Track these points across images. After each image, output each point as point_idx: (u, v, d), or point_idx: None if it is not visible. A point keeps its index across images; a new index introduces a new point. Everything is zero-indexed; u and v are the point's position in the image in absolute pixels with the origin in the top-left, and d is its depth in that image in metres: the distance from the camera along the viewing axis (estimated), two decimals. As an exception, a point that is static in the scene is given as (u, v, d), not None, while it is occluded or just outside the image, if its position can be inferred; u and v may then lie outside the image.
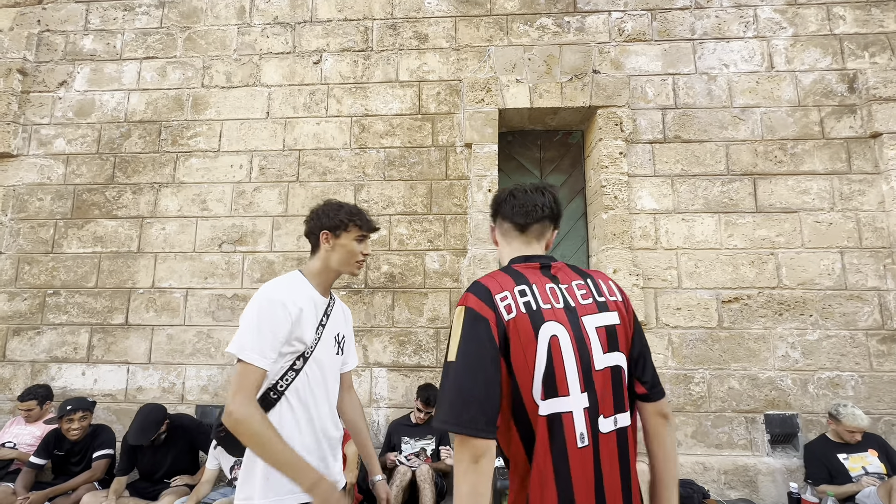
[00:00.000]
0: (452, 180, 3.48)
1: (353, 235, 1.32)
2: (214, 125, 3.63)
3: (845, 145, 3.34)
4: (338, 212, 1.32)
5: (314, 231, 1.33)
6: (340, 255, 1.31)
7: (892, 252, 3.19)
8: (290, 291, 1.22)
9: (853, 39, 3.46)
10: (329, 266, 1.32)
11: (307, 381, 1.23)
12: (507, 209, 1.09)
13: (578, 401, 0.87)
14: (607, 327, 0.95)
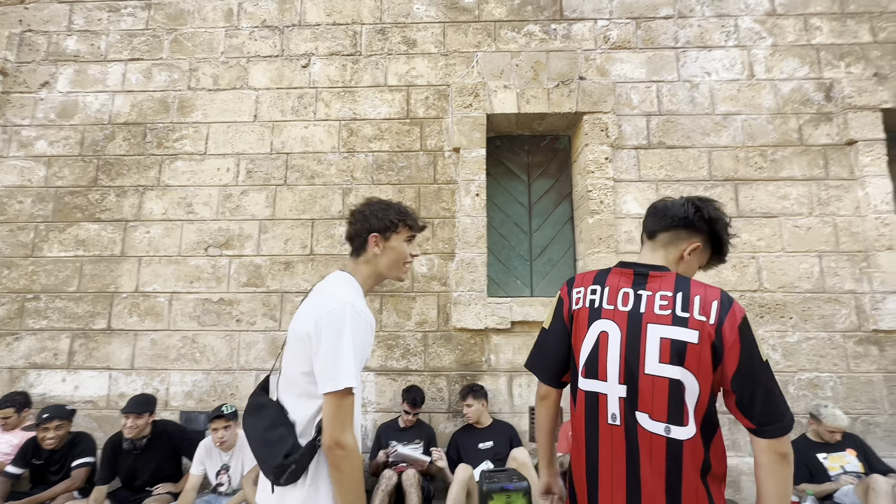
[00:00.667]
0: (441, 184, 3.50)
1: (403, 237, 1.22)
2: (201, 128, 3.61)
3: (823, 152, 3.44)
4: (387, 212, 1.21)
5: (361, 234, 1.21)
6: (390, 258, 1.21)
7: (867, 256, 3.28)
8: (360, 298, 1.13)
9: (829, 49, 3.57)
10: (378, 270, 1.21)
11: (358, 402, 1.11)
12: (646, 217, 1.20)
13: (615, 389, 1.02)
14: (674, 341, 0.98)
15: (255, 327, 3.34)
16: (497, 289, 3.67)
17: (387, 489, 2.56)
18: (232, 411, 2.67)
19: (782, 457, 0.97)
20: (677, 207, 1.12)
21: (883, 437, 3.09)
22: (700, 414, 0.96)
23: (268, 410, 1.11)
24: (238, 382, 3.28)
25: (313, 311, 1.08)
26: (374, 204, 1.24)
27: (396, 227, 1.21)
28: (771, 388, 0.97)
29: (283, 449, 1.02)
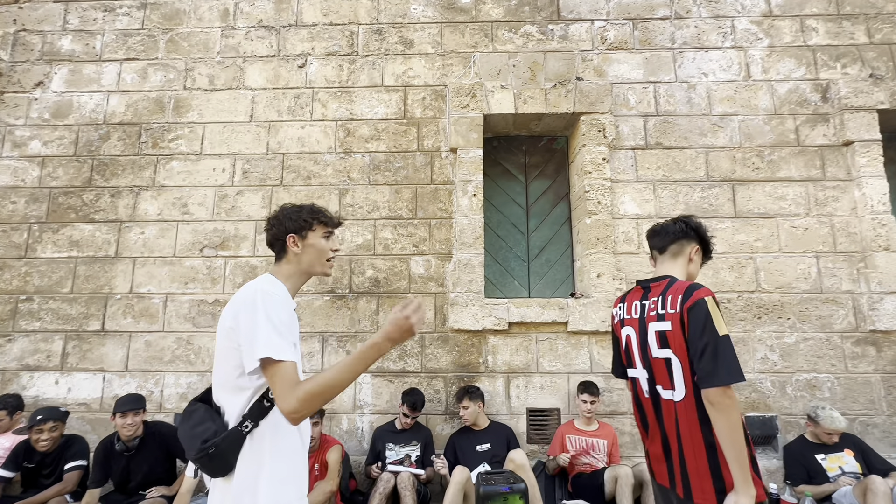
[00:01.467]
0: (438, 185, 3.48)
1: (320, 233, 1.28)
2: (196, 128, 3.59)
3: (819, 153, 3.44)
4: (299, 213, 1.28)
5: (279, 237, 1.27)
6: (311, 255, 1.27)
7: (864, 256, 3.28)
8: (277, 287, 1.19)
9: (826, 51, 3.57)
10: (301, 268, 1.27)
11: None
12: (652, 238, 1.55)
13: (642, 372, 1.43)
14: (660, 332, 1.36)
15: (250, 329, 3.31)
16: (494, 290, 3.66)
17: (384, 492, 2.54)
18: None
19: (711, 405, 1.21)
20: (673, 225, 1.51)
21: (881, 438, 3.08)
22: (688, 381, 1.29)
23: (197, 413, 1.13)
24: (233, 384, 3.24)
25: (231, 307, 1.13)
26: (287, 208, 1.30)
27: (311, 225, 1.27)
28: (718, 351, 1.21)
29: (203, 437, 1.06)
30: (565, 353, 3.24)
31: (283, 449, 1.11)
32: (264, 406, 1.10)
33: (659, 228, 1.53)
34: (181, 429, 1.15)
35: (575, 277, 3.66)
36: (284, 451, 1.12)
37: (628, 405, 3.18)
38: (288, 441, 1.13)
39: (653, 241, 1.54)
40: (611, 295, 3.22)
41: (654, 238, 1.54)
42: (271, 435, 1.10)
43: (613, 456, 2.88)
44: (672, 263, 1.48)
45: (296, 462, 1.15)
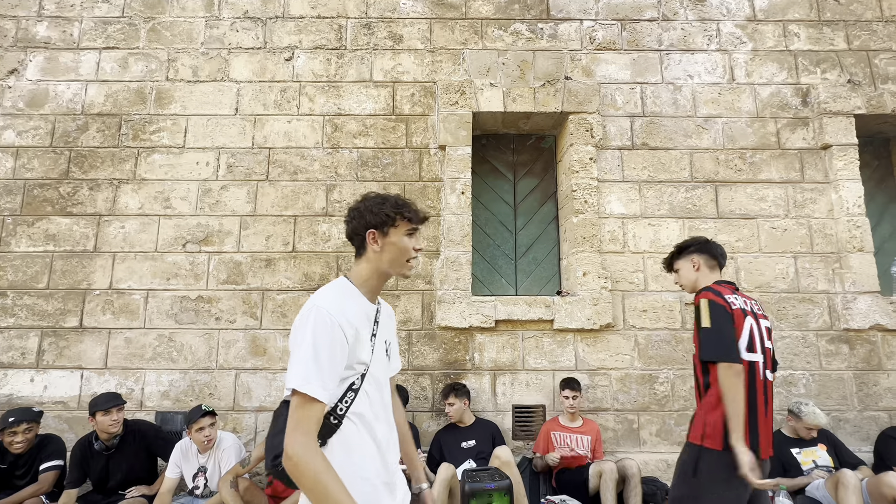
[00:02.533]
0: (426, 182, 3.47)
1: (403, 230, 1.15)
2: (179, 120, 3.50)
3: (799, 156, 3.53)
4: (382, 206, 1.15)
5: (359, 231, 1.16)
6: (391, 254, 1.15)
7: (839, 257, 3.39)
8: (344, 308, 1.07)
9: (807, 56, 3.66)
10: (379, 269, 1.16)
11: (367, 400, 1.10)
12: (716, 249, 1.91)
13: (760, 357, 1.71)
14: (767, 328, 1.77)
15: (234, 325, 3.27)
16: (482, 287, 3.67)
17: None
18: (210, 410, 2.61)
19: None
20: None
21: (852, 433, 3.20)
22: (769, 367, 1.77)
23: (281, 419, 1.05)
24: (217, 382, 3.20)
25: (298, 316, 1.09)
26: (369, 199, 1.18)
27: (394, 220, 1.14)
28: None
29: (274, 452, 1.01)
30: (551, 350, 3.27)
31: (355, 464, 1.05)
32: (331, 423, 1.03)
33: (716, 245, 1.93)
34: (267, 435, 1.10)
35: (561, 275, 3.69)
36: (356, 467, 1.05)
37: (611, 401, 3.23)
38: (358, 457, 1.06)
39: (720, 258, 1.91)
40: (596, 293, 3.26)
41: (722, 254, 1.92)
42: (341, 451, 1.03)
43: (597, 451, 2.93)
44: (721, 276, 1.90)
45: (368, 478, 1.08)
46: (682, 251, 1.93)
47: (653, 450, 3.18)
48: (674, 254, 1.97)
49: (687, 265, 1.90)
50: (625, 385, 3.25)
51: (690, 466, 1.66)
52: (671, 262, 1.99)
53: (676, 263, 1.96)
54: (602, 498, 2.57)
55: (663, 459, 3.15)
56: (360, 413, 1.07)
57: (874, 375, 3.27)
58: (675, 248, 1.98)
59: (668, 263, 2.00)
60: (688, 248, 1.92)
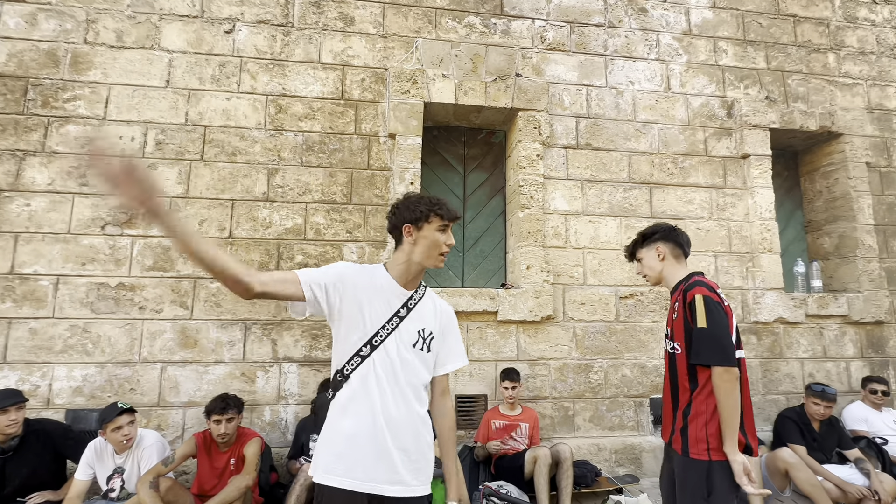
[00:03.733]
0: (375, 170, 3.40)
1: (435, 226, 1.30)
2: (100, 89, 3.17)
3: (722, 163, 3.84)
4: (418, 204, 1.31)
5: (397, 226, 1.32)
6: (423, 247, 1.29)
7: (753, 257, 3.74)
8: (359, 271, 1.29)
9: (732, 71, 3.98)
10: (412, 259, 1.30)
11: (373, 369, 1.23)
12: (682, 237, 1.74)
13: (743, 351, 1.60)
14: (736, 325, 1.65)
15: (161, 315, 3.03)
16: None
17: (305, 483, 2.46)
18: (128, 408, 2.40)
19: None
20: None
21: (757, 415, 3.56)
22: None
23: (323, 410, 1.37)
24: (139, 376, 2.96)
25: None
26: (409, 197, 1.35)
27: (427, 216, 1.29)
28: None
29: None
30: (494, 341, 3.35)
31: (341, 424, 1.22)
32: (338, 380, 1.24)
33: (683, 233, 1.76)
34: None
35: (507, 269, 3.78)
36: (341, 426, 1.22)
37: (550, 390, 3.37)
38: (350, 420, 1.21)
39: (685, 247, 1.74)
40: (538, 286, 3.37)
41: (687, 242, 1.75)
42: (337, 410, 1.24)
43: (534, 438, 3.05)
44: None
45: (353, 437, 1.20)
46: (647, 239, 1.75)
47: (586, 434, 3.37)
48: (637, 242, 1.79)
49: (651, 254, 1.73)
50: (562, 374, 3.40)
51: (703, 487, 1.48)
52: (633, 250, 1.81)
53: (639, 252, 1.78)
54: (535, 482, 2.68)
55: (595, 443, 3.34)
56: (362, 378, 1.22)
57: (776, 363, 3.66)
58: (638, 235, 1.80)
59: (630, 252, 1.83)
60: (652, 236, 1.74)
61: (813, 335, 3.73)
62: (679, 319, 1.59)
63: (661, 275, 1.72)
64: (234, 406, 2.44)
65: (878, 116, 4.15)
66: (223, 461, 2.48)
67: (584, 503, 2.87)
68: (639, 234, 1.79)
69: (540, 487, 2.64)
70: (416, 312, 1.31)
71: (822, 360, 3.72)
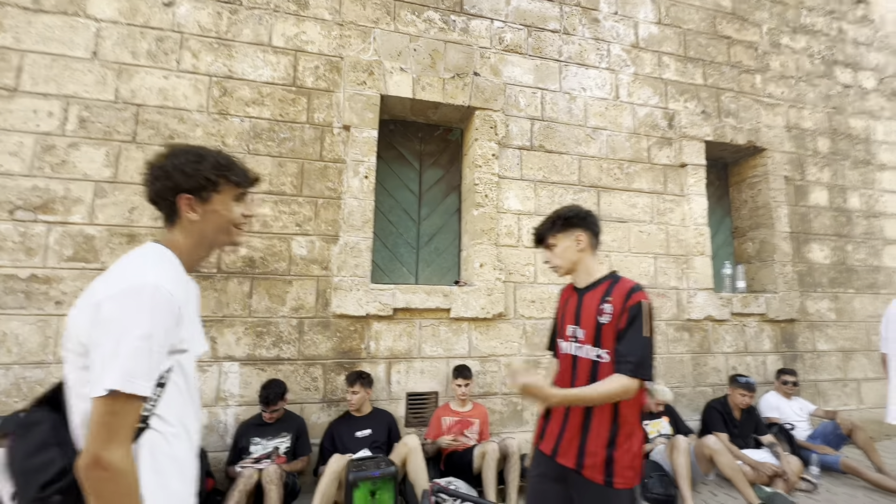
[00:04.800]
0: (327, 162, 3.29)
1: (229, 195, 0.98)
2: (10, 56, 2.81)
3: (663, 171, 4.09)
4: (198, 165, 0.94)
5: (165, 195, 0.94)
6: (214, 223, 0.97)
7: (687, 259, 4.02)
8: (168, 276, 0.88)
9: (674, 85, 4.25)
10: (203, 240, 0.97)
11: (177, 394, 0.88)
12: (599, 226, 1.51)
13: None
14: None
15: (82, 311, 2.74)
16: (382, 275, 3.61)
17: (245, 489, 2.34)
18: None
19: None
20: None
21: (687, 405, 3.84)
22: None
23: (39, 429, 0.82)
24: (53, 378, 2.67)
25: (98, 293, 0.82)
26: (179, 154, 0.95)
27: (216, 185, 0.96)
28: None
29: (44, 477, 0.76)
30: (447, 338, 3.35)
31: (166, 486, 0.84)
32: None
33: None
34: (14, 453, 0.81)
35: (460, 266, 3.80)
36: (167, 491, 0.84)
37: (499, 386, 3.44)
38: (171, 476, 0.86)
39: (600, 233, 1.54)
40: (491, 284, 3.42)
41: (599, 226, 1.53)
42: (149, 462, 0.83)
43: (484, 434, 3.09)
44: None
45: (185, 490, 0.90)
46: (566, 223, 1.46)
47: (531, 429, 3.46)
48: (552, 224, 1.48)
49: (569, 242, 1.46)
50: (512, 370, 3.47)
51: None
52: (545, 234, 1.50)
53: (554, 237, 1.48)
54: (483, 476, 2.72)
55: (541, 437, 3.44)
56: (170, 414, 0.87)
57: (705, 357, 3.96)
58: (553, 216, 1.48)
59: (540, 236, 1.52)
60: (570, 220, 1.46)
61: (736, 332, 4.08)
62: (612, 323, 1.35)
63: (575, 266, 1.47)
64: None
65: (795, 135, 4.61)
66: None
67: (529, 495, 2.95)
68: (554, 214, 1.48)
69: (488, 481, 2.68)
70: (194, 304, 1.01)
71: (744, 355, 4.08)
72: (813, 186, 4.60)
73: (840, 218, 4.64)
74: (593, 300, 1.43)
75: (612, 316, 1.37)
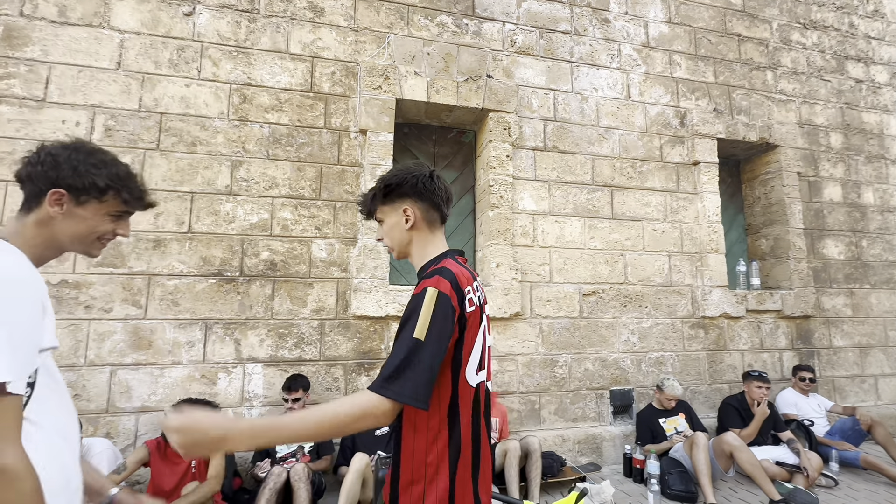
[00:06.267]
0: (345, 166, 3.34)
1: (108, 209, 0.89)
2: (39, 68, 2.89)
3: (676, 169, 4.11)
4: (93, 168, 0.86)
5: (39, 181, 0.85)
6: (74, 229, 0.87)
7: (701, 257, 4.03)
8: (26, 266, 0.78)
9: (685, 83, 4.26)
10: (54, 238, 0.87)
11: (47, 392, 0.81)
12: (438, 193, 1.10)
13: (484, 374, 1.08)
14: (488, 317, 1.14)
15: (110, 315, 2.82)
16: (399, 276, 3.66)
17: (275, 487, 2.39)
18: None
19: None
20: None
21: (703, 402, 3.85)
22: None
23: None
24: (85, 381, 2.74)
25: None
26: (81, 150, 0.87)
27: (103, 193, 0.87)
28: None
29: None
30: (464, 338, 3.39)
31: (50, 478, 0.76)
32: None
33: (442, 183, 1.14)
34: None
35: (476, 267, 3.84)
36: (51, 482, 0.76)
37: (517, 385, 3.47)
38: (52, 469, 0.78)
39: (445, 209, 1.13)
40: (507, 284, 3.46)
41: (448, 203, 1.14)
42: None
43: (504, 432, 3.13)
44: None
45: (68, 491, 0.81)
46: (388, 191, 1.10)
47: (551, 427, 3.49)
48: (374, 196, 1.13)
49: (396, 217, 1.11)
50: (529, 369, 3.51)
51: None
52: (372, 207, 1.14)
53: (380, 210, 1.13)
54: (506, 474, 2.75)
55: (559, 435, 3.47)
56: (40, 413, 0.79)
57: (720, 355, 3.97)
58: (378, 183, 1.12)
59: (367, 209, 1.15)
60: (398, 189, 1.09)
61: (752, 328, 4.08)
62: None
63: (409, 249, 1.13)
64: (209, 407, 2.35)
65: (808, 131, 4.60)
66: (183, 467, 2.36)
67: (550, 492, 2.99)
68: (379, 181, 1.12)
69: (511, 479, 2.72)
70: None
71: (760, 352, 4.08)
72: (826, 182, 4.59)
73: (854, 213, 4.62)
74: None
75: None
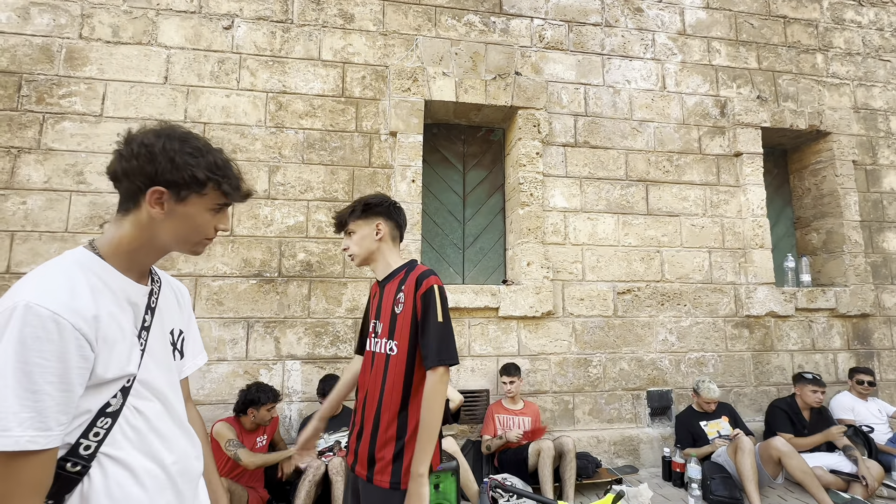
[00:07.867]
0: (376, 168, 3.41)
1: (210, 203, 0.81)
2: (96, 85, 3.12)
3: (716, 161, 3.93)
4: (192, 159, 0.76)
5: (135, 178, 0.75)
6: (180, 230, 0.79)
7: (745, 253, 3.84)
8: (77, 296, 0.69)
9: (725, 71, 4.06)
10: (155, 240, 0.79)
11: (135, 424, 0.75)
12: (402, 218, 1.48)
13: None
14: None
15: (162, 314, 3.01)
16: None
17: (314, 479, 2.49)
18: None
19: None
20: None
21: (749, 405, 3.68)
22: None
23: None
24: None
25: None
26: (175, 137, 0.78)
27: (203, 186, 0.78)
28: None
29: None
30: (495, 336, 3.39)
31: None
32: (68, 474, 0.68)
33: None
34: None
35: (506, 265, 3.82)
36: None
37: (550, 384, 3.43)
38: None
39: (403, 224, 1.48)
40: (539, 282, 3.42)
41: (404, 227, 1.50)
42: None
43: (537, 431, 3.10)
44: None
45: None
46: (367, 209, 1.41)
47: (586, 427, 3.44)
48: (354, 210, 1.42)
49: (368, 230, 1.40)
50: (562, 368, 3.46)
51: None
52: (346, 220, 1.43)
53: (353, 224, 1.42)
54: (540, 474, 2.74)
55: (594, 436, 3.41)
56: (122, 448, 0.73)
57: (767, 355, 3.77)
58: (357, 202, 1.43)
59: (340, 222, 1.45)
60: (372, 207, 1.41)
61: (802, 328, 3.85)
62: (406, 312, 1.31)
63: (373, 257, 1.42)
64: (272, 395, 2.71)
65: (864, 116, 4.28)
66: (253, 440, 2.69)
67: (586, 493, 2.94)
68: (358, 200, 1.43)
69: (544, 479, 2.70)
70: (160, 313, 0.86)
71: (811, 353, 3.84)
72: (886, 170, 4.25)
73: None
74: (391, 292, 1.38)
75: (404, 305, 1.32)
